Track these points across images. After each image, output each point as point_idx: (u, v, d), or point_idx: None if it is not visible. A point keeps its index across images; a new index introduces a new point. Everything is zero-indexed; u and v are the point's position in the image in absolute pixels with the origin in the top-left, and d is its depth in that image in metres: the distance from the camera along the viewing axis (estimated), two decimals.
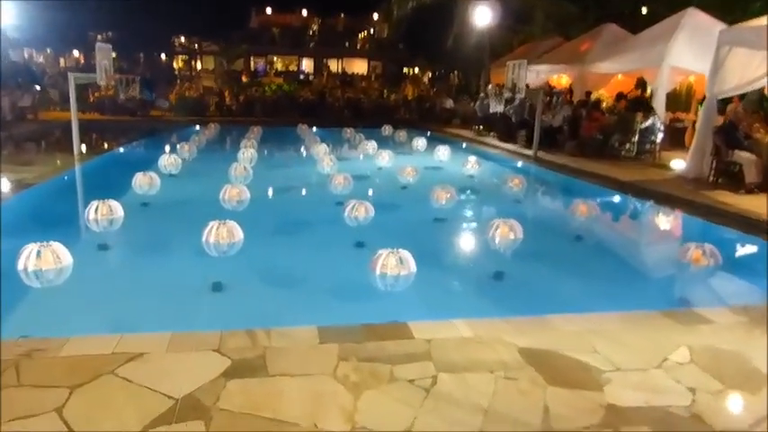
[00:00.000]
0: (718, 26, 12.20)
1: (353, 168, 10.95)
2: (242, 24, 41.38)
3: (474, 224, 8.16)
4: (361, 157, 13.37)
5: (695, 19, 13.66)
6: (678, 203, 8.69)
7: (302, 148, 14.71)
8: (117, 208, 7.05)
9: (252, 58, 40.10)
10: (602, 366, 3.43)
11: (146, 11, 29.22)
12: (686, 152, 11.71)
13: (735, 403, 3.14)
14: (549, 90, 16.20)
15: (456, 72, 28.89)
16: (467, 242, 7.56)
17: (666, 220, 8.19)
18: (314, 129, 17.61)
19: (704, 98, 10.95)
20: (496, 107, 16.56)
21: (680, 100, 15.31)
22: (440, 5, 22.88)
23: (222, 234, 6.04)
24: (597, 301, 5.05)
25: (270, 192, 9.86)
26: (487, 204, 9.69)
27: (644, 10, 21.05)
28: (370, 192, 9.81)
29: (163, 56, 41.15)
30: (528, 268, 6.07)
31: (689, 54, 12.88)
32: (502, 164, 13.42)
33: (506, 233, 6.57)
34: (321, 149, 12.75)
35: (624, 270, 6.48)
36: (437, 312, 4.52)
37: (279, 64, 42.91)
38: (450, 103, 23.16)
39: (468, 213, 8.85)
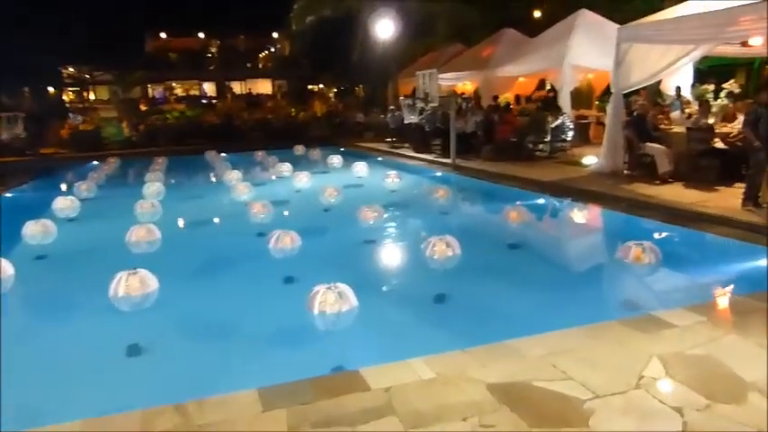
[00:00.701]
0: (608, 24, 12.73)
1: (270, 193, 10.40)
2: (137, 51, 39.42)
3: (407, 243, 7.74)
4: (276, 179, 12.80)
5: (587, 19, 14.31)
6: (602, 200, 8.76)
7: (213, 176, 13.91)
8: (5, 266, 6.12)
9: (150, 85, 38.28)
10: (580, 395, 3.14)
11: (28, 41, 26.98)
12: (593, 147, 12.02)
13: (724, 417, 2.92)
14: (457, 97, 16.28)
15: (363, 85, 28.76)
16: (404, 264, 7.11)
17: (597, 219, 8.21)
18: (223, 154, 16.78)
19: (603, 94, 11.26)
20: (410, 117, 16.48)
21: (582, 97, 15.84)
22: (340, 20, 22.60)
23: (133, 285, 5.33)
24: (551, 313, 4.80)
25: (182, 227, 9.09)
26: (416, 219, 9.37)
27: (537, 14, 21.89)
28: (290, 216, 9.28)
29: (51, 89, 38.35)
30: (473, 285, 5.75)
31: (586, 52, 13.41)
32: (422, 174, 13.25)
33: (444, 250, 6.28)
34: (233, 176, 12.11)
35: (567, 278, 6.29)
36: (387, 350, 4.11)
37: (179, 89, 41.30)
38: (360, 117, 22.93)
39: (399, 232, 8.40)
